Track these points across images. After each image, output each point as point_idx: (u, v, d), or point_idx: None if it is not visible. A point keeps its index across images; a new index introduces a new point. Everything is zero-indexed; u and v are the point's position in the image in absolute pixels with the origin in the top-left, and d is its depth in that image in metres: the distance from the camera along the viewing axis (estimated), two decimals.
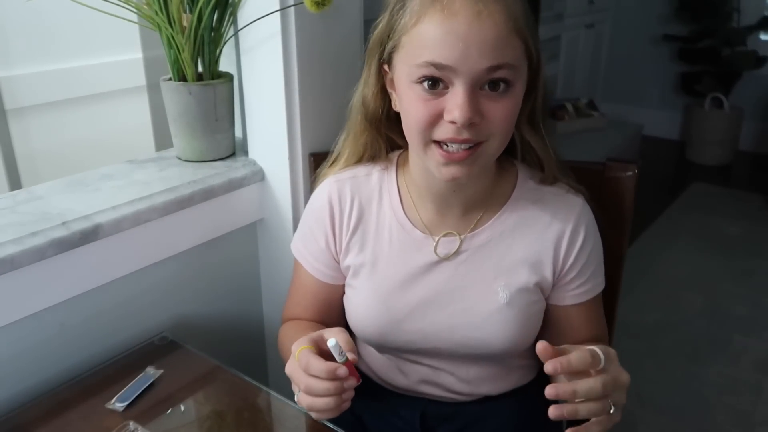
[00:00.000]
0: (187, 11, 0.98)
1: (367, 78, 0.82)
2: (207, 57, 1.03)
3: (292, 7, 0.96)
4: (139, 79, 1.74)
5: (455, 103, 0.69)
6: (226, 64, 1.11)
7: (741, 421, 1.79)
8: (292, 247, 0.95)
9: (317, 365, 0.68)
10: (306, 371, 0.69)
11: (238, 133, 1.17)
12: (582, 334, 0.87)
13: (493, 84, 0.70)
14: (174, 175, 1.04)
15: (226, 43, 1.05)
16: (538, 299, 0.86)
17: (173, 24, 0.98)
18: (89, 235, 0.88)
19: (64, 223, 0.86)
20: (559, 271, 0.85)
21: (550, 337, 0.86)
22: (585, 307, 0.87)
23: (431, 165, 0.76)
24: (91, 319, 0.94)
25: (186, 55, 1.01)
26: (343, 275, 0.91)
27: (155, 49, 1.12)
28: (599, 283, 0.88)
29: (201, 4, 0.96)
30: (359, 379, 0.71)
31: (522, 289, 0.83)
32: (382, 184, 0.88)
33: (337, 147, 0.92)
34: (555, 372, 0.63)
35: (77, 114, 1.77)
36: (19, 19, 1.61)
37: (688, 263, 2.69)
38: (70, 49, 1.73)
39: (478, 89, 0.70)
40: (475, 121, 0.70)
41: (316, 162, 1.03)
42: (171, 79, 1.05)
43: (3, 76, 1.59)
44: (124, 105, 1.84)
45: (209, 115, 1.05)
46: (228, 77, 1.07)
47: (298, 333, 0.88)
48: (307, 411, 0.72)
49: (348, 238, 0.88)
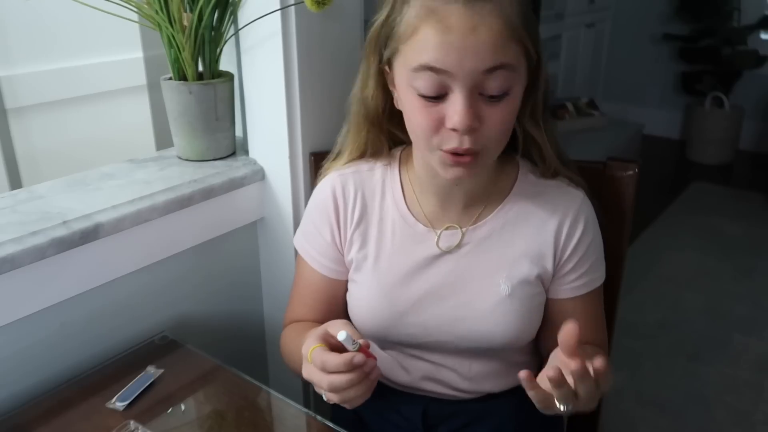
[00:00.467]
0: (188, 10, 0.98)
1: (366, 77, 0.82)
2: (207, 56, 1.03)
3: (293, 7, 0.96)
4: (140, 78, 1.74)
5: (455, 110, 0.71)
6: (226, 64, 1.11)
7: (741, 420, 1.79)
8: (295, 244, 0.95)
9: (333, 360, 0.68)
10: (324, 369, 0.69)
11: (239, 132, 1.17)
12: (581, 330, 0.87)
13: (492, 94, 0.71)
14: (174, 175, 1.04)
15: (226, 42, 1.05)
16: (540, 292, 0.86)
17: (174, 23, 0.98)
18: (90, 235, 0.88)
19: (65, 222, 0.86)
20: (557, 262, 0.85)
21: (549, 333, 0.86)
22: (583, 302, 0.87)
23: (436, 165, 0.77)
24: (92, 319, 0.94)
25: (186, 55, 1.01)
26: (347, 269, 0.91)
27: (156, 48, 1.12)
28: (598, 277, 0.88)
29: (201, 3, 0.96)
30: (375, 358, 0.71)
31: (523, 282, 0.84)
32: (385, 179, 0.89)
33: (339, 141, 0.92)
34: (570, 360, 0.66)
35: (78, 113, 1.77)
36: (20, 19, 1.61)
37: (688, 263, 2.69)
38: (70, 48, 1.73)
39: (477, 94, 0.71)
40: (474, 126, 0.71)
41: (317, 161, 1.03)
42: (171, 78, 1.05)
43: (3, 75, 1.59)
44: (124, 104, 1.84)
45: (210, 115, 1.05)
46: (228, 76, 1.07)
47: (301, 336, 0.88)
48: (340, 404, 0.72)
49: (351, 232, 0.89)
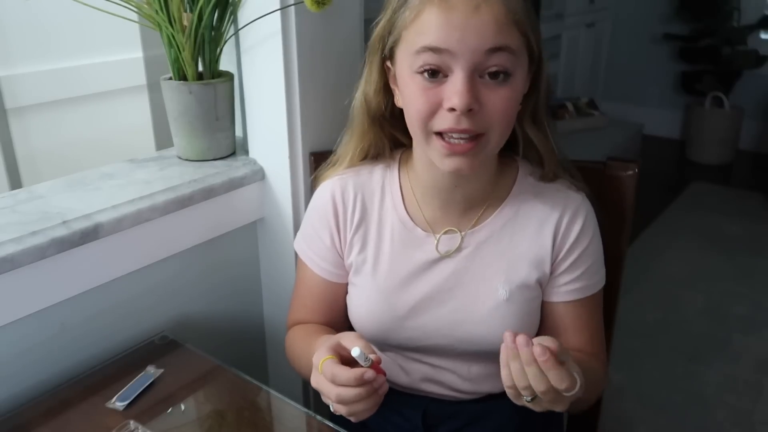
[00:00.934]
0: (188, 10, 0.98)
1: (369, 75, 0.83)
2: (207, 56, 1.03)
3: (293, 6, 0.96)
4: (140, 78, 1.74)
5: (454, 90, 0.70)
6: (226, 63, 1.11)
7: (741, 420, 1.79)
8: (296, 247, 0.95)
9: (344, 375, 0.68)
10: (333, 382, 0.69)
11: (239, 132, 1.17)
12: (574, 337, 0.86)
13: (492, 74, 0.71)
14: (174, 175, 1.04)
15: (226, 42, 1.05)
16: (538, 295, 0.86)
17: (174, 23, 0.98)
18: (89, 235, 0.88)
19: (65, 222, 0.86)
20: (553, 261, 0.84)
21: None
22: (577, 308, 0.86)
23: (434, 156, 0.76)
24: (92, 319, 0.94)
25: (186, 54, 1.01)
26: (347, 273, 0.91)
27: (156, 48, 1.12)
28: (595, 283, 0.87)
29: (201, 3, 0.96)
30: (385, 374, 0.72)
31: (522, 286, 0.84)
32: (385, 182, 0.89)
33: (339, 149, 0.92)
34: (543, 358, 0.63)
35: (78, 113, 1.77)
36: (20, 19, 1.61)
37: (688, 262, 2.69)
38: (70, 48, 1.73)
39: (477, 77, 0.71)
40: (474, 107, 0.71)
41: (317, 161, 1.03)
42: (171, 78, 1.05)
43: (3, 75, 1.59)
44: (124, 104, 1.84)
45: (210, 115, 1.05)
46: (228, 76, 1.07)
47: (306, 338, 0.88)
48: (346, 417, 0.72)
49: (351, 235, 0.88)
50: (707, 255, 2.74)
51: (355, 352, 0.68)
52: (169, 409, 0.83)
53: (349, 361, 0.70)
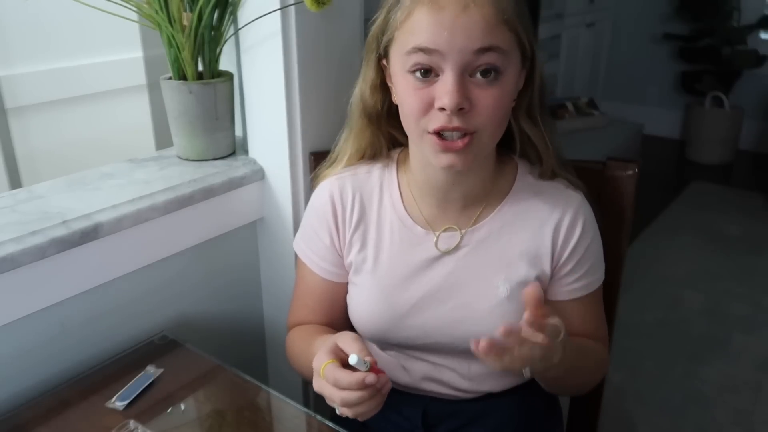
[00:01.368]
0: (188, 10, 0.98)
1: (366, 73, 0.84)
2: (207, 56, 1.03)
3: (293, 6, 0.96)
4: (140, 78, 1.74)
5: (444, 90, 0.72)
6: (226, 63, 1.11)
7: (741, 419, 1.79)
8: (295, 248, 0.95)
9: (346, 379, 0.69)
10: (336, 386, 0.70)
11: (239, 132, 1.17)
12: (578, 330, 0.87)
13: (483, 72, 0.72)
14: (174, 174, 1.04)
15: (226, 41, 1.05)
16: None
17: (173, 23, 0.98)
18: (89, 234, 0.88)
19: (65, 222, 0.86)
20: (555, 264, 0.85)
21: None
22: (582, 304, 0.87)
23: (428, 154, 0.77)
24: (92, 318, 0.94)
25: (186, 54, 1.01)
26: (347, 272, 0.91)
27: (155, 48, 1.12)
28: (597, 279, 0.88)
29: (201, 3, 0.96)
30: (385, 373, 0.72)
31: (522, 284, 0.84)
32: (383, 181, 0.89)
33: (337, 148, 0.92)
34: (532, 324, 0.65)
35: (77, 113, 1.77)
36: (19, 18, 1.61)
37: (688, 262, 2.69)
38: (70, 47, 1.73)
39: (467, 76, 0.72)
40: (464, 106, 0.72)
41: (317, 161, 1.03)
42: (171, 78, 1.05)
43: (3, 75, 1.59)
44: (124, 104, 1.84)
45: (209, 114, 1.05)
46: (228, 76, 1.07)
47: (307, 339, 0.88)
48: (352, 418, 0.72)
49: (350, 234, 0.89)
50: (707, 255, 2.74)
51: (352, 359, 0.69)
52: (169, 409, 0.83)
53: (348, 364, 0.71)
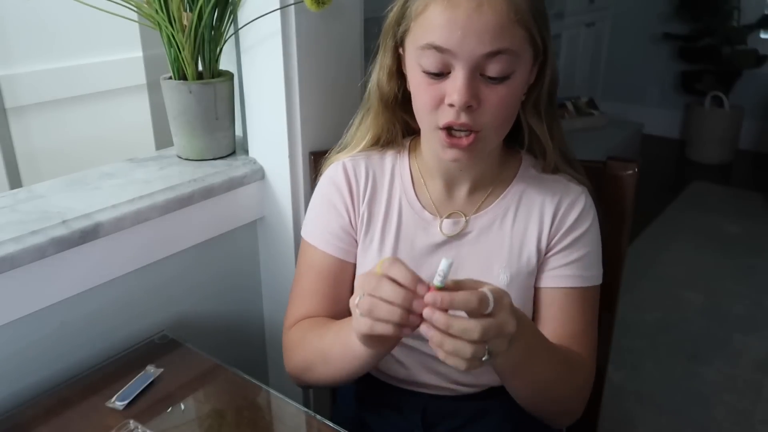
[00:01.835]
0: (188, 10, 0.98)
1: (382, 60, 0.85)
2: (207, 55, 1.03)
3: (292, 6, 0.96)
4: (140, 77, 1.74)
5: (454, 87, 0.73)
6: (226, 63, 1.11)
7: (741, 419, 1.79)
8: (303, 235, 0.94)
9: (402, 270, 0.63)
10: (387, 271, 0.63)
11: (239, 131, 1.17)
12: (556, 329, 0.84)
13: (491, 75, 0.73)
14: (174, 174, 1.04)
15: (226, 41, 1.05)
16: None
17: (173, 22, 0.98)
18: (89, 234, 0.88)
19: (64, 221, 0.86)
20: (549, 242, 0.86)
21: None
22: (568, 297, 0.85)
23: (437, 148, 0.80)
24: (91, 318, 0.94)
25: (186, 54, 1.01)
26: (356, 251, 0.91)
27: (155, 47, 1.12)
28: (588, 276, 0.86)
29: (201, 2, 0.96)
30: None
31: (522, 272, 0.85)
32: (395, 166, 0.91)
33: (349, 133, 0.93)
34: (434, 305, 0.60)
35: (77, 112, 1.77)
36: (20, 18, 1.61)
37: (688, 262, 2.69)
38: (70, 47, 1.73)
39: (478, 74, 0.74)
40: (472, 104, 0.74)
41: (317, 161, 1.03)
42: (171, 77, 1.05)
43: (3, 74, 1.59)
44: (124, 103, 1.84)
45: (209, 114, 1.05)
46: (228, 76, 1.07)
47: (315, 328, 0.87)
48: (360, 324, 0.65)
49: (363, 209, 0.90)
50: (707, 254, 2.74)
51: (444, 263, 0.61)
52: (169, 409, 0.83)
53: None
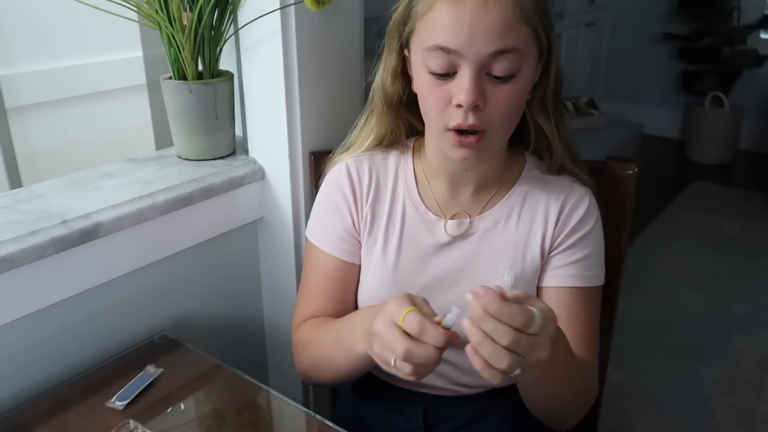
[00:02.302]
0: (188, 10, 0.98)
1: (387, 61, 0.85)
2: (207, 55, 1.03)
3: (292, 6, 0.96)
4: (140, 77, 1.73)
5: (461, 87, 0.73)
6: (226, 63, 1.11)
7: (741, 419, 1.79)
8: (308, 235, 0.94)
9: (434, 332, 0.63)
10: (419, 337, 0.64)
11: (239, 131, 1.17)
12: (564, 330, 0.84)
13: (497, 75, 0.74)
14: (174, 174, 1.04)
15: (226, 41, 1.05)
16: None
17: (173, 22, 0.98)
18: (89, 234, 0.88)
19: (64, 221, 0.86)
20: (552, 242, 0.86)
21: None
22: (572, 296, 0.85)
23: (445, 147, 0.80)
24: (91, 318, 0.94)
25: (186, 54, 1.01)
26: (360, 252, 0.91)
27: (155, 47, 1.12)
28: (591, 276, 0.86)
29: (201, 2, 0.96)
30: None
31: (527, 273, 0.85)
32: (398, 166, 0.91)
33: (353, 133, 0.93)
34: (476, 297, 0.60)
35: (77, 112, 1.77)
36: (19, 18, 1.61)
37: (688, 262, 2.69)
38: (70, 47, 1.73)
39: (484, 74, 0.74)
40: (479, 104, 0.74)
41: (317, 161, 1.03)
42: (171, 77, 1.05)
43: (3, 74, 1.59)
44: (124, 103, 1.84)
45: (209, 114, 1.05)
46: (228, 76, 1.07)
47: (323, 327, 0.87)
48: (404, 376, 0.67)
49: (366, 211, 0.89)
50: (707, 254, 2.74)
51: (454, 311, 0.63)
52: (169, 409, 0.83)
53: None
